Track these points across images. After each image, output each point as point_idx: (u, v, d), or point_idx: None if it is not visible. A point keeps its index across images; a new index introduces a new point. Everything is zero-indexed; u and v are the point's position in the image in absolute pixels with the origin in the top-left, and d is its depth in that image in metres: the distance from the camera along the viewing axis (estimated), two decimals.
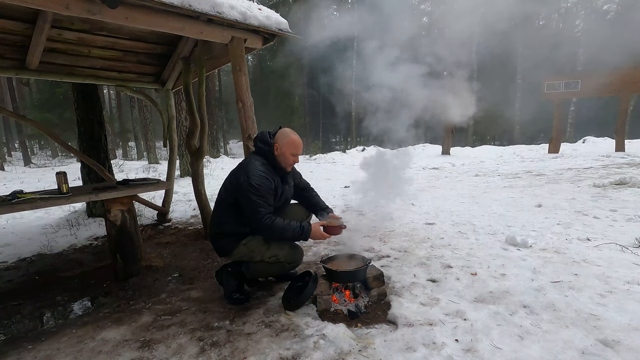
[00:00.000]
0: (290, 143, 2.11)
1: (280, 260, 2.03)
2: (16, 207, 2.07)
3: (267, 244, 2.02)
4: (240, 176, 1.99)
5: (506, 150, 13.88)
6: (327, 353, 1.51)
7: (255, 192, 1.93)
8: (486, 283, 2.13)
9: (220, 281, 2.18)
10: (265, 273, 2.17)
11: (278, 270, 2.12)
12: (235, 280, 2.13)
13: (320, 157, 14.31)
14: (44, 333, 1.85)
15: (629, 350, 1.43)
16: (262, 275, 2.21)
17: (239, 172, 2.06)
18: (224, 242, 2.12)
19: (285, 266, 2.08)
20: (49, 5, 2.05)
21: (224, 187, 2.16)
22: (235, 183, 2.01)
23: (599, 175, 6.35)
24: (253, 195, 1.92)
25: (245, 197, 1.94)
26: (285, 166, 2.14)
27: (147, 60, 3.98)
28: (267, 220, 1.91)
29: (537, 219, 3.62)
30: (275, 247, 2.02)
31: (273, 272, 2.17)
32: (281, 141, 2.10)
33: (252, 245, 2.04)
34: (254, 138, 2.22)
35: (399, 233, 3.38)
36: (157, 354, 1.59)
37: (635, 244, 2.65)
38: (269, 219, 1.92)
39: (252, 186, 1.93)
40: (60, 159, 19.21)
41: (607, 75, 11.19)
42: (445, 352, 1.47)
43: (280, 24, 2.93)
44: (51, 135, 4.26)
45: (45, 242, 3.54)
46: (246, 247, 2.06)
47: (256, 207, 1.92)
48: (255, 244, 2.04)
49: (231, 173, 2.15)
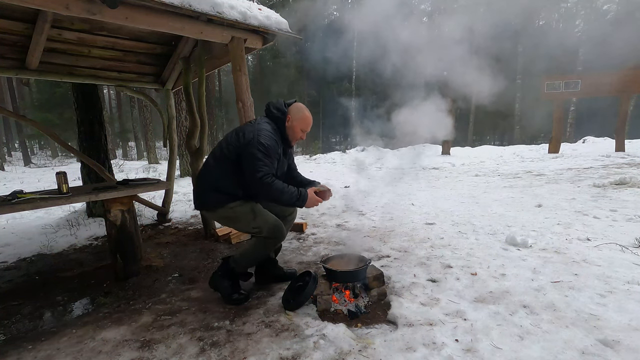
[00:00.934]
0: (303, 118, 2.11)
1: (262, 233, 1.99)
2: (16, 207, 2.06)
3: (254, 213, 2.00)
4: (249, 133, 1.96)
5: (506, 150, 13.88)
6: (327, 353, 1.51)
7: (263, 150, 1.91)
8: (486, 283, 2.13)
9: (215, 287, 2.13)
10: (252, 258, 2.12)
11: (262, 250, 2.08)
12: (228, 281, 2.10)
13: (320, 157, 14.32)
14: (44, 333, 1.85)
15: (629, 350, 1.43)
16: (250, 261, 2.15)
17: (247, 128, 2.02)
18: (212, 197, 2.05)
19: (268, 243, 2.04)
20: (49, 5, 2.05)
21: (225, 143, 2.08)
22: (242, 139, 1.97)
23: (599, 175, 6.35)
24: (259, 153, 1.90)
25: (250, 153, 1.91)
26: (292, 139, 2.15)
27: (147, 60, 3.99)
28: (268, 179, 1.89)
29: (537, 219, 3.62)
30: (261, 220, 2.00)
31: (258, 255, 2.12)
32: (295, 114, 2.10)
33: (239, 211, 2.01)
34: (268, 103, 2.17)
35: (399, 233, 3.38)
36: (157, 354, 1.59)
37: (635, 244, 2.65)
38: (270, 178, 1.90)
39: (261, 144, 1.91)
40: (60, 159, 19.23)
41: (607, 75, 11.19)
42: (445, 352, 1.47)
43: (280, 24, 2.93)
44: (51, 135, 4.26)
45: (45, 242, 3.54)
46: (233, 210, 2.01)
47: (259, 164, 1.90)
48: (243, 211, 2.01)
49: (235, 131, 2.09)
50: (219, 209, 2.05)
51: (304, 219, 4.11)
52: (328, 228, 3.74)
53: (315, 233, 3.56)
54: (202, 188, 2.12)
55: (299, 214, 4.42)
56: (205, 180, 2.11)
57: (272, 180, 1.90)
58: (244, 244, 2.16)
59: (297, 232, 3.59)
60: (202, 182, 2.13)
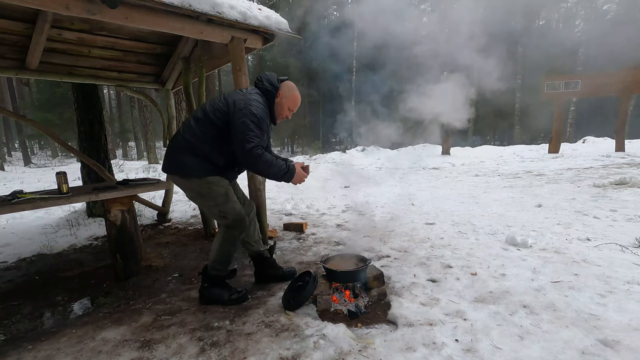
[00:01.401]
0: (293, 97, 2.08)
1: (227, 219, 1.95)
2: (16, 207, 2.06)
3: (226, 197, 1.97)
4: (240, 102, 1.89)
5: (506, 150, 13.87)
6: (327, 353, 1.51)
7: (255, 121, 1.85)
8: (486, 283, 2.13)
9: (209, 300, 2.05)
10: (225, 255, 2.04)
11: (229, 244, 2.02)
12: (218, 288, 2.06)
13: (320, 157, 14.32)
14: (44, 333, 1.85)
15: (629, 350, 1.43)
16: (225, 259, 2.06)
17: (236, 96, 1.94)
18: (189, 160, 1.91)
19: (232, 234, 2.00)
20: (49, 5, 2.05)
21: (210, 107, 1.96)
22: (233, 106, 1.89)
23: (599, 175, 6.35)
24: (252, 124, 1.84)
25: (242, 122, 1.83)
26: (278, 116, 2.11)
27: (147, 60, 3.99)
28: (258, 150, 1.83)
29: (537, 219, 3.62)
30: (230, 206, 1.97)
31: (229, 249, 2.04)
32: (285, 92, 2.07)
33: (214, 189, 1.95)
34: (259, 75, 2.11)
35: (399, 233, 3.38)
36: (157, 354, 1.59)
37: (635, 244, 2.65)
38: (260, 150, 1.84)
39: (254, 114, 1.85)
40: (60, 159, 19.23)
41: (607, 75, 11.20)
42: (445, 352, 1.46)
43: (280, 24, 2.93)
44: (51, 135, 4.26)
45: (45, 242, 3.54)
46: (208, 186, 1.93)
47: (251, 135, 1.83)
48: (217, 190, 1.95)
49: (223, 97, 1.99)
50: (194, 178, 1.93)
51: (304, 219, 4.12)
52: (328, 228, 3.75)
53: (315, 233, 3.56)
54: (178, 149, 1.95)
55: (299, 214, 4.42)
56: (183, 140, 1.94)
57: (262, 152, 1.84)
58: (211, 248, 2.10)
59: (297, 232, 3.59)
60: (179, 142, 1.95)
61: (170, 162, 1.99)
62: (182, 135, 1.97)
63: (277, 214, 4.42)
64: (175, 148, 1.97)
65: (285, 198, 5.38)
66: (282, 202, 5.11)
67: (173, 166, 1.98)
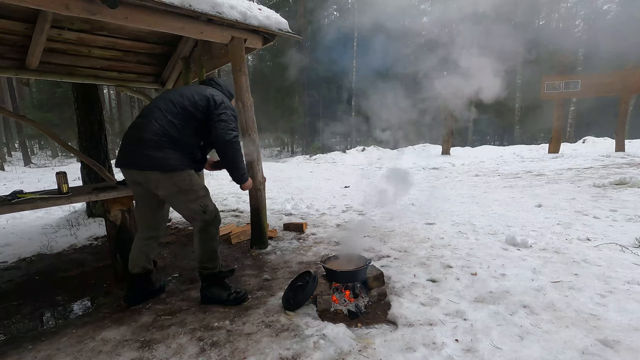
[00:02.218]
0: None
1: (206, 213, 1.96)
2: (16, 207, 2.06)
3: (206, 190, 2.04)
4: (219, 97, 2.02)
5: (506, 150, 13.87)
6: (327, 353, 1.51)
7: (234, 114, 2.03)
8: (486, 283, 2.13)
9: (209, 299, 2.06)
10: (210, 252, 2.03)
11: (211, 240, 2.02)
12: (216, 287, 2.06)
13: (320, 157, 14.32)
14: (44, 333, 1.85)
15: (629, 350, 1.43)
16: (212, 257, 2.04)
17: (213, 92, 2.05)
18: (171, 154, 1.86)
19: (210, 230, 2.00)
20: (49, 5, 2.05)
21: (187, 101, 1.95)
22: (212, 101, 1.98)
23: (599, 175, 6.35)
24: (232, 117, 2.00)
25: (225, 113, 1.97)
26: None
27: (147, 60, 3.99)
28: (238, 144, 2.00)
29: (537, 219, 3.62)
30: (209, 200, 2.05)
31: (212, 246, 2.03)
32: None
33: (195, 182, 1.97)
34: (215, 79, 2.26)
35: (399, 233, 3.38)
36: (157, 354, 1.59)
37: (635, 244, 2.65)
38: (239, 144, 2.01)
39: (232, 109, 2.04)
40: (60, 159, 19.23)
41: (607, 75, 11.18)
42: (445, 352, 1.47)
43: (280, 24, 2.93)
44: (51, 135, 4.27)
45: (45, 242, 3.54)
46: (190, 179, 1.94)
47: (232, 126, 1.98)
48: (199, 182, 2.00)
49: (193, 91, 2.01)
50: (177, 172, 1.88)
51: (304, 219, 4.12)
52: (328, 228, 3.74)
53: (315, 233, 3.56)
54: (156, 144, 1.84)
55: (299, 214, 4.42)
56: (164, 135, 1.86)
57: (240, 146, 2.02)
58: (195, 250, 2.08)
59: (297, 232, 3.59)
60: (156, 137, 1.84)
61: (145, 157, 1.83)
62: (159, 129, 1.85)
63: (277, 214, 4.42)
64: (152, 142, 1.83)
65: (285, 198, 5.38)
66: (282, 202, 5.11)
67: (152, 162, 1.83)
